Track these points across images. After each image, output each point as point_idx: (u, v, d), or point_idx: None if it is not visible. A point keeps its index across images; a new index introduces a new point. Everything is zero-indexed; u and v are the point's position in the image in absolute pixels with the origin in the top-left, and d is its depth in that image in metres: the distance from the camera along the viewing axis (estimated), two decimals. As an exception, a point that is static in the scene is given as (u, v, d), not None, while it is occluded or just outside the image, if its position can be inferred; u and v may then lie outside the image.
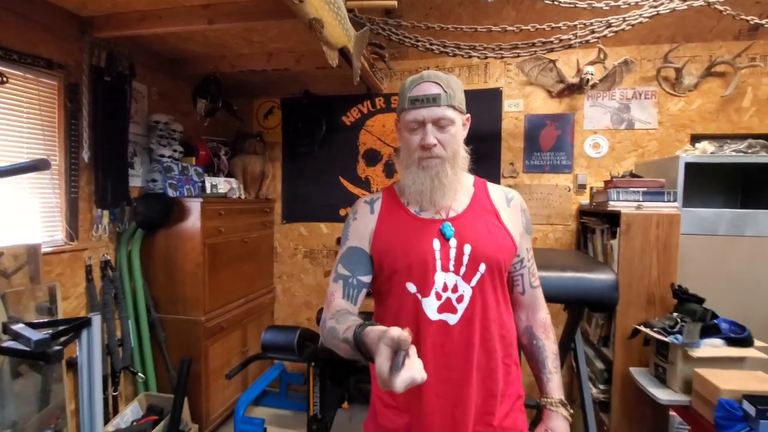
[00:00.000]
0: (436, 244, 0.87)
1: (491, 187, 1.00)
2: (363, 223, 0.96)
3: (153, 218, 2.02)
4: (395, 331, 0.58)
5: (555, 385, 0.98)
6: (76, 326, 1.29)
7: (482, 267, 0.87)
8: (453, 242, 0.87)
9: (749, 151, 1.97)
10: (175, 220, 2.11)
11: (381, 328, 0.69)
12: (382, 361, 0.58)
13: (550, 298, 1.43)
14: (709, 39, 2.35)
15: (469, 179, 0.99)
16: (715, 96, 2.35)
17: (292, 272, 2.94)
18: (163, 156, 2.18)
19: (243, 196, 2.56)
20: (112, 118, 1.95)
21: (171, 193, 2.13)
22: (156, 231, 2.13)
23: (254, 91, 2.84)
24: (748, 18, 1.85)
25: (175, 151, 2.24)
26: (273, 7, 1.61)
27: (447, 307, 0.86)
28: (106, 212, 1.99)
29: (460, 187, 0.95)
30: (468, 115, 0.95)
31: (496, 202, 0.96)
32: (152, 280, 2.17)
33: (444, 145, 0.88)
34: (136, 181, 2.17)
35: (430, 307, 0.86)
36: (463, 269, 0.87)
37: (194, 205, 2.10)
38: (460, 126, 0.91)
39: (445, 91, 0.87)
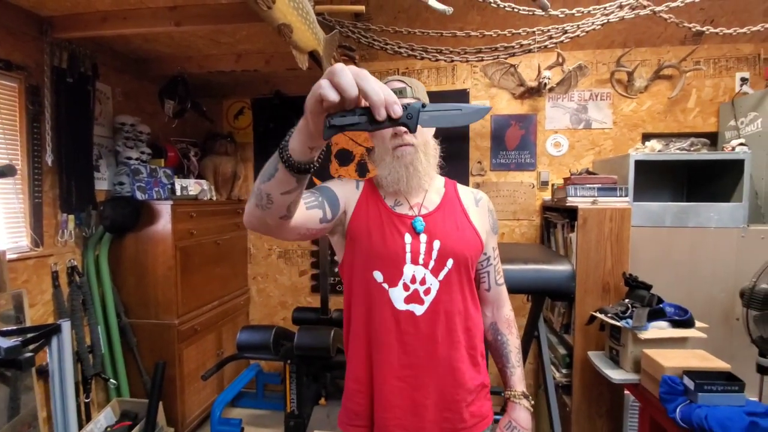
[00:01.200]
0: (408, 237, 0.93)
1: (461, 188, 1.07)
2: (348, 188, 0.99)
3: (121, 222, 1.99)
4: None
5: (518, 379, 1.05)
6: (46, 333, 1.28)
7: (450, 262, 0.93)
8: (423, 237, 0.93)
9: (692, 149, 2.15)
10: (144, 223, 2.08)
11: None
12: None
13: (514, 290, 1.54)
14: (657, 44, 2.52)
15: (440, 180, 1.06)
16: (663, 97, 2.53)
17: (266, 273, 2.95)
18: (130, 158, 2.14)
19: (215, 198, 2.55)
20: (75, 120, 1.91)
21: (140, 195, 2.10)
22: (124, 235, 2.10)
23: (224, 91, 2.82)
24: (691, 25, 2.01)
25: (142, 153, 2.21)
26: (241, 10, 1.63)
27: (414, 298, 0.91)
28: (71, 217, 1.94)
29: (432, 184, 1.01)
30: None
31: (465, 202, 1.03)
32: (122, 285, 2.14)
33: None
34: (102, 184, 2.13)
35: (398, 297, 0.91)
36: (432, 263, 0.92)
37: (165, 208, 2.08)
38: None
39: (410, 87, 0.95)
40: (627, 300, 1.82)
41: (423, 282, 0.92)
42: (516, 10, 1.84)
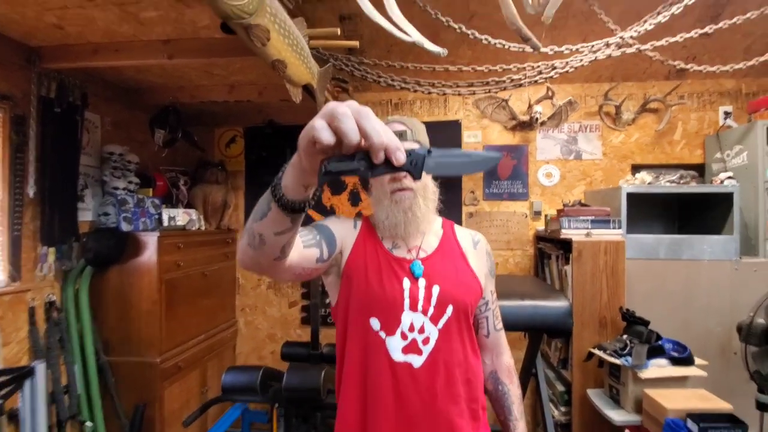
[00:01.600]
0: (406, 282, 0.89)
1: (458, 229, 1.04)
2: (346, 227, 0.96)
3: (104, 254, 1.92)
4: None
5: None
6: (18, 377, 1.19)
7: (449, 309, 0.89)
8: (422, 282, 0.89)
9: (681, 181, 2.17)
10: (129, 255, 2.01)
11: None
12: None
13: (511, 327, 1.49)
14: (643, 79, 2.60)
15: (438, 221, 1.03)
16: (651, 130, 2.58)
17: (255, 304, 2.86)
18: (117, 188, 2.09)
19: (203, 227, 2.49)
20: (61, 150, 1.87)
21: (125, 227, 2.04)
22: (108, 268, 2.02)
23: (216, 120, 2.80)
24: (675, 63, 2.07)
25: (130, 182, 2.16)
26: (235, 45, 1.62)
27: (412, 348, 0.86)
28: (52, 249, 1.86)
29: (430, 227, 0.98)
30: None
31: (464, 244, 1.00)
32: (102, 321, 2.04)
33: None
34: (86, 215, 2.06)
35: (395, 347, 0.86)
36: (431, 310, 0.88)
37: (150, 239, 2.01)
38: None
39: (411, 129, 0.94)
40: (625, 336, 1.79)
41: (422, 330, 0.87)
42: (507, 46, 1.88)
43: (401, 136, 0.90)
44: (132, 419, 1.88)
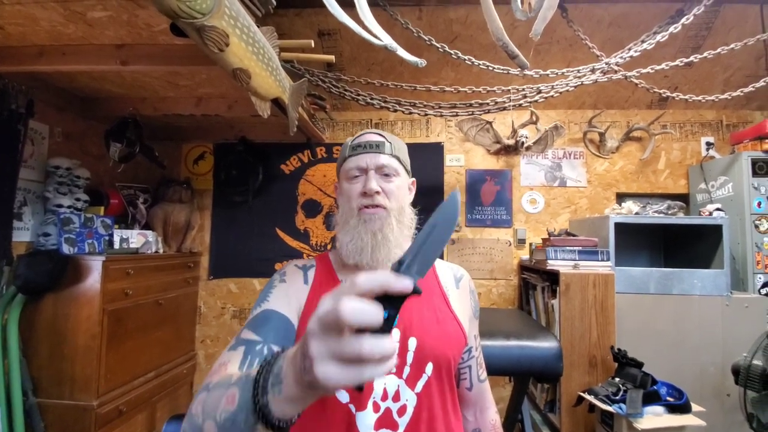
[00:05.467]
0: None
1: (438, 263, 0.89)
2: (293, 289, 0.78)
3: (37, 281, 1.68)
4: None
5: None
6: None
7: (429, 367, 0.73)
8: (395, 335, 0.73)
9: (669, 211, 2.10)
10: (68, 282, 1.77)
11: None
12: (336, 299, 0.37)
13: (495, 370, 1.34)
14: (626, 107, 2.57)
15: None
16: (635, 158, 2.53)
17: (217, 335, 2.61)
18: (60, 206, 1.87)
19: (162, 250, 2.27)
20: (-5, 162, 1.66)
21: (67, 249, 1.81)
22: (42, 296, 1.77)
23: (183, 135, 2.63)
24: (661, 91, 2.03)
25: (77, 200, 1.94)
26: (197, 52, 1.48)
27: (386, 421, 0.69)
28: (-25, 275, 1.63)
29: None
30: (413, 179, 0.91)
31: (444, 282, 0.85)
32: (32, 357, 1.78)
33: (388, 194, 0.79)
34: (23, 235, 1.83)
35: (366, 423, 0.69)
36: (406, 370, 0.72)
37: (94, 264, 1.79)
38: (405, 181, 0.86)
39: (390, 143, 0.83)
40: (617, 378, 1.64)
41: (397, 397, 0.71)
42: (490, 68, 1.80)
43: (377, 147, 0.80)
44: (57, 476, 1.60)
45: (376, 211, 0.77)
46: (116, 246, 2.02)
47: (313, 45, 1.63)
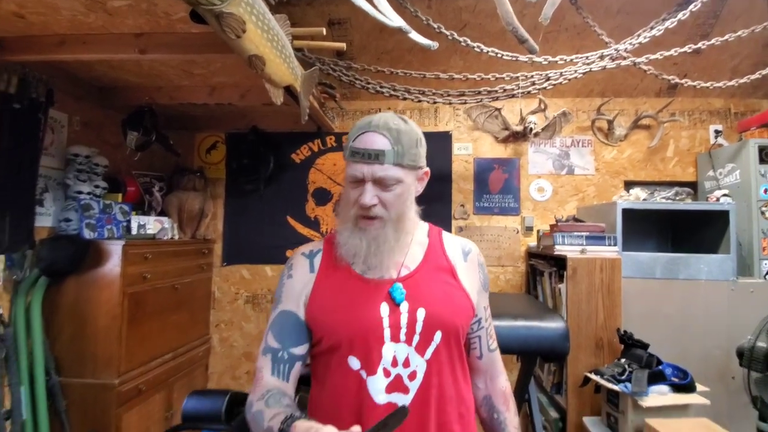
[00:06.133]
0: (384, 309, 0.76)
1: (447, 238, 0.91)
2: (299, 282, 0.83)
3: (60, 264, 1.75)
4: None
5: None
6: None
7: (438, 335, 0.77)
8: (404, 306, 0.76)
9: (676, 198, 2.12)
10: (89, 265, 1.84)
11: (309, 424, 0.57)
12: None
13: (503, 349, 1.37)
14: (634, 95, 2.57)
15: (423, 229, 0.90)
16: (643, 146, 2.54)
17: (231, 320, 2.68)
18: (80, 192, 1.93)
19: (177, 237, 2.33)
20: (18, 149, 1.71)
21: (87, 234, 1.87)
22: (64, 279, 1.84)
23: (197, 124, 2.68)
24: (669, 77, 2.04)
25: (96, 187, 2.00)
26: (214, 40, 1.51)
27: (397, 385, 0.74)
28: (1, 257, 1.69)
29: (407, 244, 0.85)
30: (427, 168, 0.86)
31: (452, 256, 0.87)
32: (55, 337, 1.85)
33: (386, 205, 0.77)
34: (45, 220, 1.89)
35: (377, 387, 0.73)
36: (416, 339, 0.76)
37: (114, 249, 1.85)
38: (410, 183, 0.80)
39: (393, 147, 0.75)
40: (623, 359, 1.68)
41: (407, 364, 0.75)
42: (500, 55, 1.82)
43: (377, 158, 0.74)
44: (82, 449, 1.68)
45: (371, 223, 0.78)
46: (134, 232, 2.08)
47: (324, 33, 1.65)
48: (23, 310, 1.78)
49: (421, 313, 0.77)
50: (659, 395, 1.53)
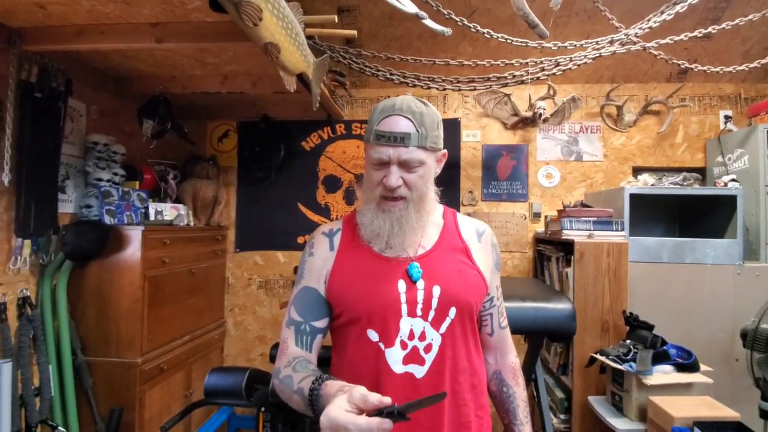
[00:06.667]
0: (402, 286, 0.81)
1: (461, 219, 0.95)
2: (320, 259, 0.88)
3: (84, 248, 1.82)
4: (364, 391, 0.57)
5: None
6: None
7: (452, 311, 0.81)
8: (421, 284, 0.81)
9: (684, 183, 2.13)
10: (111, 250, 1.91)
11: (341, 383, 0.62)
12: (336, 410, 0.56)
13: (512, 330, 1.42)
14: (644, 80, 2.56)
15: (438, 210, 0.93)
16: (652, 132, 2.54)
17: (245, 304, 2.76)
18: (100, 180, 1.99)
19: (192, 223, 2.39)
20: (41, 137, 1.76)
21: (108, 220, 1.94)
22: (87, 263, 1.91)
23: (208, 113, 2.72)
24: (680, 62, 2.04)
25: (115, 174, 2.06)
26: (227, 29, 1.55)
27: (413, 357, 0.79)
28: (27, 242, 1.76)
29: (426, 224, 0.88)
30: (445, 150, 0.89)
31: (467, 237, 0.91)
32: (80, 319, 1.93)
33: (410, 185, 0.80)
34: (67, 207, 1.96)
35: (394, 358, 0.78)
36: (431, 314, 0.80)
37: (134, 234, 1.91)
38: (431, 165, 0.83)
39: (417, 130, 0.77)
40: (628, 341, 1.72)
41: (423, 337, 0.80)
42: (509, 41, 1.83)
43: (402, 140, 0.77)
44: (107, 423, 1.77)
45: (395, 203, 0.81)
46: (151, 218, 2.14)
47: (336, 20, 1.68)
48: (49, 292, 1.86)
49: (436, 290, 0.81)
50: (663, 374, 1.58)
